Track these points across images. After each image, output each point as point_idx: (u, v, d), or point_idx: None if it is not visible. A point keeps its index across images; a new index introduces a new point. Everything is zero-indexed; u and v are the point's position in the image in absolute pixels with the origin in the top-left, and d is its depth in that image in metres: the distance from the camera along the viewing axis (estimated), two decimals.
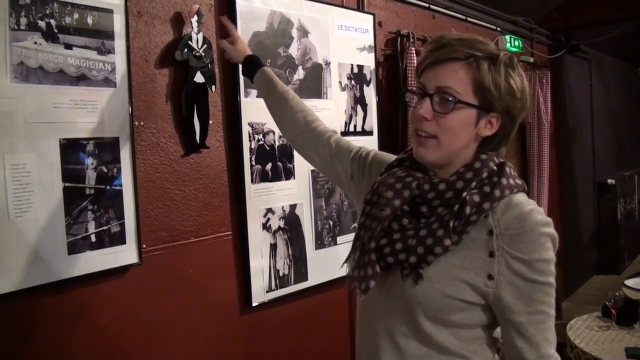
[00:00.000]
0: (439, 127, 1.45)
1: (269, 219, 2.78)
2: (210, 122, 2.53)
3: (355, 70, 3.29)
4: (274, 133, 2.77)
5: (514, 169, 1.55)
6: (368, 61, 3.38)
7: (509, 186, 1.47)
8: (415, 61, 3.48)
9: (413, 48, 3.51)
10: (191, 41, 2.41)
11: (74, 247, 2.08)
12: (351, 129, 3.25)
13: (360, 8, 3.40)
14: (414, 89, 1.51)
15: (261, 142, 2.72)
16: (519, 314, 1.42)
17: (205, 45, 2.47)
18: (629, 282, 3.70)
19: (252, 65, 2.19)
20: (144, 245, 2.30)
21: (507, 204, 1.45)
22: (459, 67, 1.43)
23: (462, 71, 1.43)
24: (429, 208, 1.48)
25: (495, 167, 1.50)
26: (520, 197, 1.49)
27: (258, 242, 2.72)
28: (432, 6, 3.98)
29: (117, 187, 2.20)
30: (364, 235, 1.53)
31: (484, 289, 1.43)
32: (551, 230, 1.43)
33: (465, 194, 1.44)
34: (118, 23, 2.20)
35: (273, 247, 2.79)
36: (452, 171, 1.50)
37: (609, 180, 7.41)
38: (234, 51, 2.27)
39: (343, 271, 3.11)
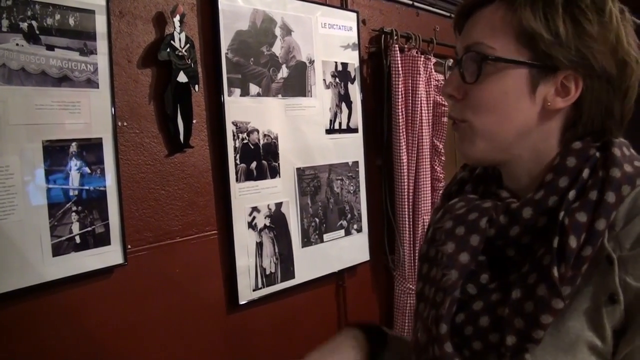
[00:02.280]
0: (469, 105, 1.02)
1: (254, 218, 2.78)
2: (194, 121, 2.53)
3: (340, 68, 3.29)
4: (258, 132, 2.77)
5: (628, 145, 1.02)
6: (352, 59, 3.39)
7: (628, 177, 0.94)
8: (398, 59, 3.49)
9: (397, 45, 3.51)
10: (174, 41, 2.41)
11: (59, 249, 2.07)
12: (336, 126, 3.25)
13: (343, 6, 3.40)
14: (450, 61, 1.12)
15: (245, 141, 2.72)
16: None
17: (188, 45, 2.47)
18: None
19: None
20: (129, 246, 2.30)
21: (632, 205, 0.93)
22: (490, 12, 1.01)
23: (494, 15, 1.00)
24: (517, 250, 0.99)
25: (597, 154, 0.97)
26: None
27: (244, 241, 2.73)
28: (415, 3, 3.98)
29: (101, 188, 2.20)
30: (427, 312, 1.04)
31: (606, 350, 0.91)
32: None
33: (562, 215, 0.92)
34: (100, 24, 2.20)
35: (259, 245, 2.80)
36: (535, 178, 1.02)
37: None
38: None
39: (330, 268, 3.15)
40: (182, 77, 2.44)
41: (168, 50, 2.39)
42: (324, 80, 3.19)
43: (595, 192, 0.92)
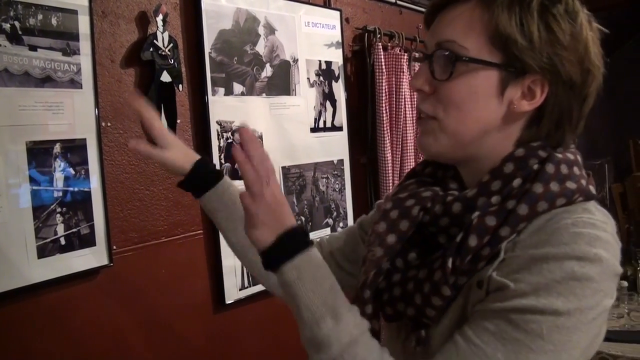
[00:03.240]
0: (439, 102, 1.03)
1: None
2: (178, 121, 2.52)
3: (324, 66, 3.30)
4: None
5: (572, 163, 1.02)
6: (336, 57, 3.39)
7: (549, 195, 0.96)
8: (382, 57, 3.50)
9: (380, 44, 3.53)
10: (157, 40, 2.40)
11: (44, 251, 2.06)
12: (321, 125, 3.26)
13: (327, 4, 3.40)
14: (417, 53, 1.13)
15: (230, 140, 2.72)
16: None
17: (171, 45, 2.46)
18: None
19: (205, 173, 1.48)
20: (115, 247, 2.29)
21: (546, 223, 0.95)
22: (465, 10, 1.01)
23: (470, 15, 1.00)
24: (448, 239, 1.03)
25: (536, 166, 1.00)
26: (575, 211, 0.96)
27: None
28: (398, 2, 3.99)
29: (86, 189, 2.19)
30: (360, 277, 1.11)
31: None
32: (595, 272, 0.89)
33: (475, 215, 0.97)
34: (83, 24, 2.18)
35: None
36: (479, 175, 1.05)
37: None
38: (172, 158, 1.48)
39: None
40: (165, 77, 2.44)
41: (151, 50, 2.38)
42: (308, 78, 3.19)
43: (513, 201, 0.96)
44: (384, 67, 3.50)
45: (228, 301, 2.71)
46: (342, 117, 3.41)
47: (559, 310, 0.87)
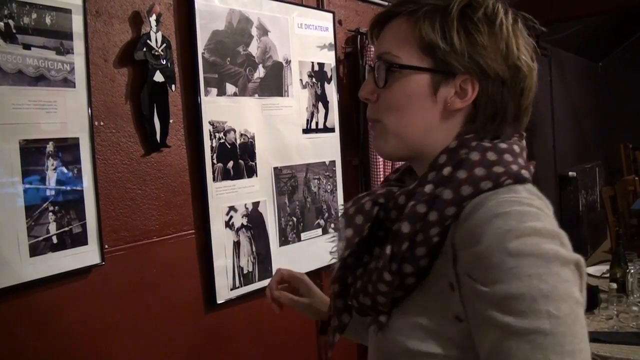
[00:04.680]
0: (381, 107, 1.13)
1: (231, 217, 2.78)
2: (171, 121, 2.53)
3: (316, 68, 3.31)
4: (234, 131, 2.78)
5: (503, 151, 1.07)
6: (329, 59, 3.41)
7: (473, 179, 1.02)
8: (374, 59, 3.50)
9: (372, 46, 3.53)
10: (150, 40, 2.41)
11: (36, 249, 2.07)
12: (313, 126, 3.27)
13: (320, 6, 3.42)
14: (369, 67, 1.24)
15: (222, 141, 2.73)
16: None
17: (165, 45, 2.47)
18: (590, 270, 3.77)
19: None
20: (106, 246, 2.30)
21: (472, 208, 1.00)
22: (396, 24, 1.12)
23: (400, 29, 1.10)
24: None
25: (464, 155, 1.06)
26: (502, 192, 1.01)
27: (221, 240, 2.73)
28: (390, 4, 4.00)
29: (78, 188, 2.20)
30: (331, 277, 1.22)
31: (454, 335, 1.01)
32: (534, 243, 0.92)
33: (410, 204, 1.04)
34: (76, 23, 2.19)
35: (236, 244, 2.80)
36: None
37: (570, 173, 7.51)
38: (316, 305, 1.63)
39: (308, 267, 3.17)
40: (158, 77, 2.44)
41: (144, 49, 2.39)
42: (301, 80, 3.20)
43: (441, 188, 1.03)
44: None
45: (219, 301, 2.72)
46: (334, 119, 3.42)
47: (541, 288, 0.90)
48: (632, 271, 3.13)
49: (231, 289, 2.78)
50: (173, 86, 2.52)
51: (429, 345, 1.02)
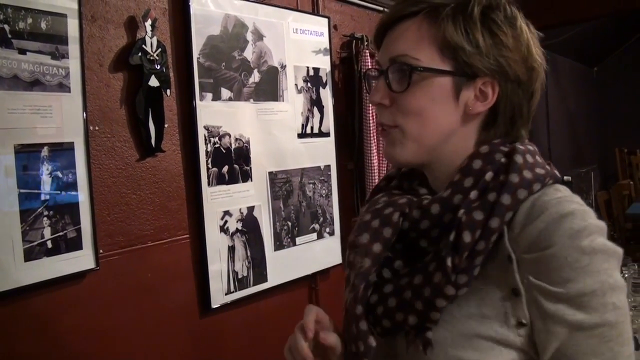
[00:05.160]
0: (399, 112, 1.07)
1: (226, 222, 2.78)
2: (166, 125, 2.53)
3: (311, 72, 3.32)
4: (229, 136, 2.78)
5: (534, 153, 1.08)
6: (324, 64, 3.41)
7: (525, 182, 1.01)
8: (370, 64, 3.52)
9: (367, 51, 3.55)
10: (145, 45, 2.41)
11: (31, 254, 2.06)
12: (308, 130, 3.27)
13: (315, 11, 3.43)
14: (372, 71, 1.15)
15: (217, 145, 2.73)
16: None
17: (160, 49, 2.47)
18: None
19: None
20: (101, 251, 2.29)
21: (530, 210, 1.00)
22: (412, 25, 1.06)
23: (418, 29, 1.06)
24: (429, 242, 1.06)
25: (503, 159, 1.04)
26: (551, 193, 1.02)
27: (216, 245, 2.73)
28: (386, 9, 4.01)
29: (73, 193, 2.20)
30: (347, 296, 1.12)
31: (516, 340, 1.00)
32: (600, 240, 0.96)
33: (462, 212, 1.01)
34: (72, 28, 2.19)
35: (231, 249, 2.80)
36: (448, 177, 1.09)
37: (566, 177, 7.51)
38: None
39: (303, 271, 3.17)
40: (153, 82, 2.45)
41: (140, 54, 2.39)
42: (296, 84, 3.21)
43: (494, 194, 1.00)
44: None
45: (214, 305, 2.72)
46: (329, 123, 3.43)
47: (609, 282, 0.95)
48: (626, 276, 3.13)
49: (226, 294, 2.78)
50: (168, 91, 2.52)
51: (488, 354, 1.00)
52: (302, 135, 3.24)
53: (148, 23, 2.43)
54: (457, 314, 1.02)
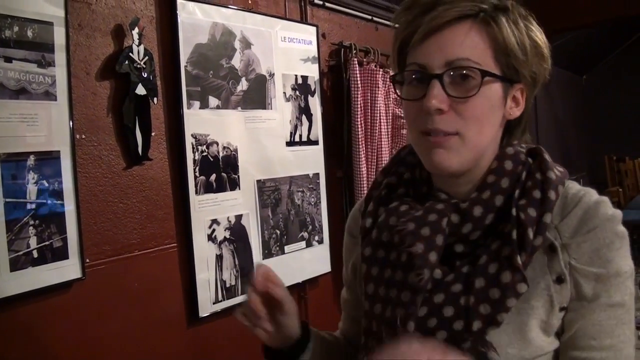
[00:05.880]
0: (460, 118, 1.03)
1: (214, 230, 2.77)
2: (153, 134, 2.52)
3: (300, 81, 3.32)
4: (217, 144, 2.78)
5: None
6: (312, 72, 3.41)
7: (559, 179, 1.07)
8: (357, 72, 3.52)
9: (356, 59, 3.55)
10: (132, 53, 2.41)
11: (16, 264, 2.05)
12: (296, 138, 3.27)
13: (303, 20, 3.43)
14: (412, 72, 1.07)
15: (205, 153, 2.72)
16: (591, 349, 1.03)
17: (147, 57, 2.46)
18: None
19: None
20: (87, 260, 2.28)
21: (563, 202, 1.05)
22: (470, 28, 1.03)
23: (476, 32, 1.03)
24: (466, 245, 1.07)
25: (529, 159, 1.10)
26: (573, 186, 1.09)
27: (204, 254, 2.72)
28: (375, 18, 4.03)
29: (59, 202, 2.18)
30: (389, 312, 1.07)
31: (557, 325, 1.05)
32: (623, 228, 1.04)
33: (514, 211, 1.03)
34: (58, 36, 2.18)
35: (219, 258, 2.79)
36: (473, 180, 1.10)
37: None
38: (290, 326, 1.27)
39: (292, 280, 3.16)
40: (140, 90, 2.44)
41: (127, 62, 2.39)
42: (284, 93, 3.20)
43: (538, 191, 1.04)
44: (359, 82, 3.53)
45: (202, 315, 2.71)
46: (318, 131, 3.42)
47: (632, 266, 1.05)
48: None
49: (214, 303, 2.76)
50: (155, 99, 2.51)
51: (540, 344, 1.03)
52: (290, 143, 3.23)
53: (135, 31, 2.42)
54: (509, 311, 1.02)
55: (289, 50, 3.25)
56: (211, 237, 2.76)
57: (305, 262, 3.30)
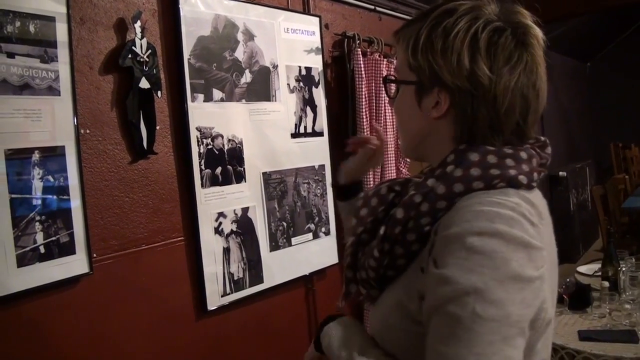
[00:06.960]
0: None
1: (220, 223, 2.77)
2: (158, 127, 2.52)
3: (304, 72, 3.30)
4: (222, 137, 2.77)
5: (510, 156, 1.10)
6: (316, 63, 3.40)
7: (467, 178, 1.08)
8: (361, 62, 3.51)
9: (359, 49, 3.54)
10: (135, 47, 2.40)
11: (23, 260, 2.05)
12: (301, 130, 3.26)
13: (306, 11, 3.42)
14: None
15: (210, 147, 2.72)
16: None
17: (150, 51, 2.46)
18: (581, 269, 3.80)
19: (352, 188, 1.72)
20: (95, 255, 2.28)
21: (458, 206, 1.05)
22: (399, 48, 1.24)
23: (400, 52, 1.23)
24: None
25: (453, 157, 1.13)
26: (494, 195, 1.04)
27: (211, 247, 2.72)
28: (378, 8, 4.01)
29: (65, 197, 2.18)
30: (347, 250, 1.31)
31: (419, 313, 1.07)
32: (491, 246, 0.96)
33: (410, 194, 1.12)
34: (61, 31, 2.18)
35: (226, 251, 2.79)
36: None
37: (561, 173, 7.52)
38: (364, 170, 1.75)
39: (299, 272, 3.16)
40: (144, 84, 2.43)
41: (130, 56, 2.38)
42: (288, 84, 3.19)
43: (439, 183, 1.10)
44: (363, 72, 3.52)
45: (210, 308, 2.71)
46: (322, 123, 3.41)
47: (477, 286, 0.94)
48: (623, 269, 3.13)
49: (222, 296, 2.76)
50: (159, 92, 2.51)
51: (403, 322, 1.11)
52: (295, 135, 3.22)
53: (138, 25, 2.41)
54: (397, 284, 1.16)
55: (292, 41, 3.24)
56: (218, 230, 2.76)
57: (312, 253, 3.30)
